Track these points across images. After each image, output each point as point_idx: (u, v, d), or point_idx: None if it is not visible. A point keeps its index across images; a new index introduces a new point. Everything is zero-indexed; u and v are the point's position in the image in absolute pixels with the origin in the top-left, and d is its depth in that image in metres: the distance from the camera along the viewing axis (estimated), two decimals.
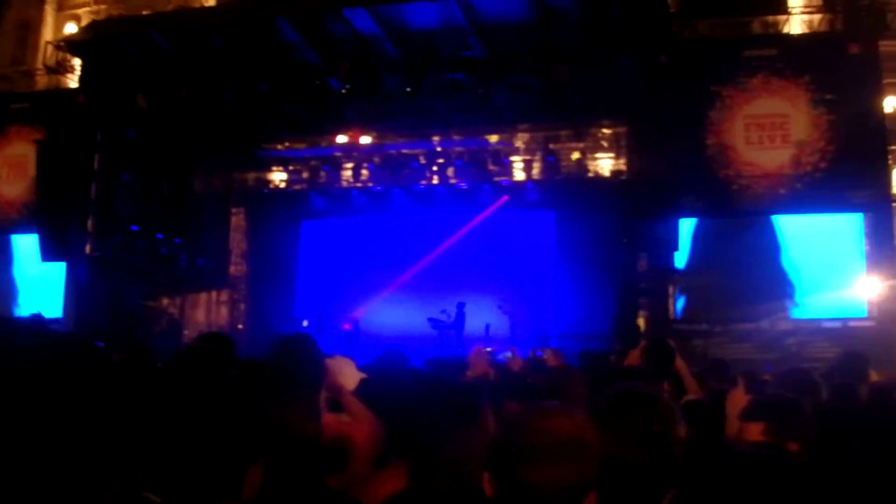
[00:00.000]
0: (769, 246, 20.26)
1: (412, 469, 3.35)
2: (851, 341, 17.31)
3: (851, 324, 19.39)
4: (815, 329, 19.40)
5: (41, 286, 24.41)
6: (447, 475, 3.13)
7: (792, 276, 20.00)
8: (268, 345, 5.13)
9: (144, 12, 23.73)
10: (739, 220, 20.48)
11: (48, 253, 23.42)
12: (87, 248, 23.26)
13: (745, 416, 4.79)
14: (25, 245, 24.39)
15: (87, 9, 27.74)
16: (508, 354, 12.17)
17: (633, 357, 7.49)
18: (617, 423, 3.04)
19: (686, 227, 20.58)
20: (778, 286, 20.05)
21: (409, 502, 3.32)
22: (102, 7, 26.86)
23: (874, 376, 8.81)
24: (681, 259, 20.59)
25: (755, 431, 4.55)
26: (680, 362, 7.18)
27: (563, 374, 7.43)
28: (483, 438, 3.09)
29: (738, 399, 6.01)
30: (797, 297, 19.92)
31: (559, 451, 2.56)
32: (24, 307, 24.17)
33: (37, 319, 17.04)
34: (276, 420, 3.28)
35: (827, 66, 19.70)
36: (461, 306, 24.31)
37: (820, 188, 19.31)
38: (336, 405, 4.92)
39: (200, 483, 2.77)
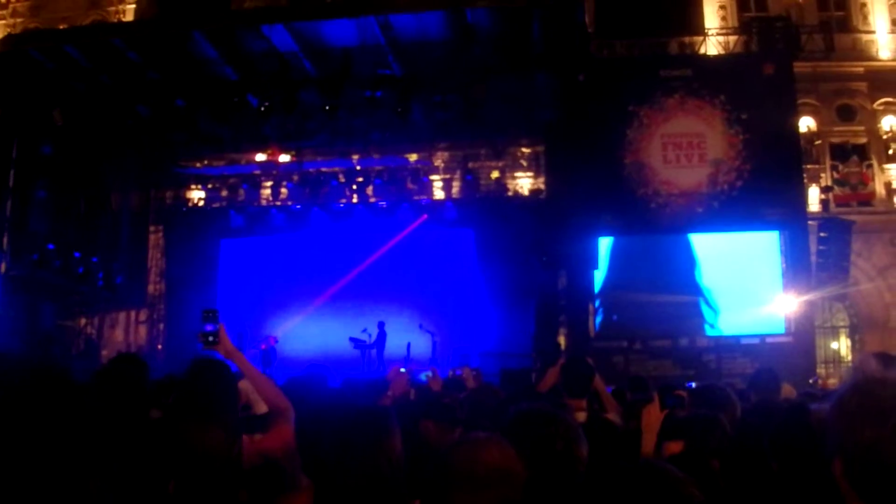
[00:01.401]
0: (685, 264, 20.38)
1: (318, 490, 3.31)
2: (769, 357, 17.54)
3: (769, 340, 19.56)
4: (733, 345, 19.60)
5: None
6: (352, 497, 3.05)
7: (707, 295, 20.12)
8: (186, 365, 5.02)
9: (61, 26, 23.37)
10: (656, 238, 20.57)
11: None
12: (2, 267, 22.82)
13: (664, 434, 4.84)
14: None
15: (2, 22, 27.27)
16: (429, 374, 12.10)
17: (552, 375, 7.47)
18: (519, 441, 2.99)
19: (604, 245, 20.63)
20: (694, 304, 20.18)
21: None
22: (18, 20, 26.44)
23: (788, 390, 8.88)
24: (600, 277, 20.63)
25: (675, 449, 4.56)
26: (598, 380, 7.14)
27: (481, 395, 7.40)
28: (390, 461, 3.07)
29: (653, 414, 6.01)
30: (712, 317, 20.06)
31: (489, 479, 2.65)
32: None
33: None
34: (190, 441, 3.23)
35: (742, 86, 19.97)
36: (381, 325, 24.18)
37: (736, 206, 19.54)
38: (249, 426, 4.84)
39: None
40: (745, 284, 20.05)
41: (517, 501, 2.69)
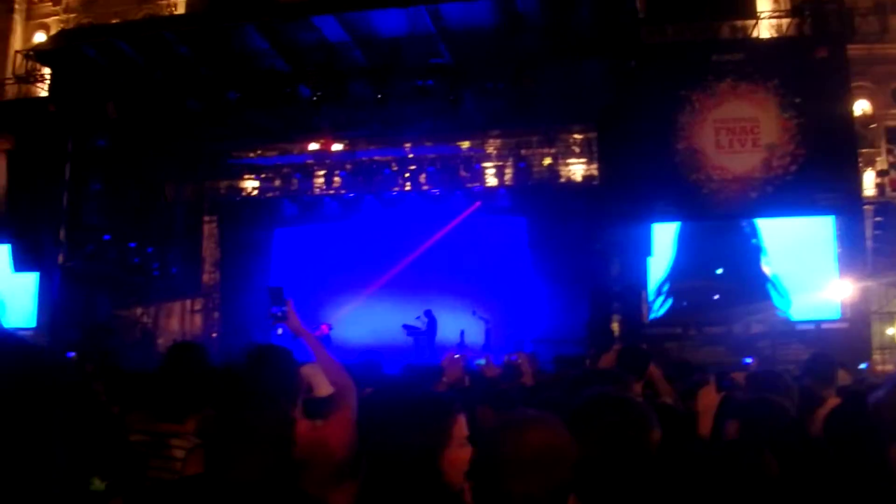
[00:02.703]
0: (752, 250, 20.23)
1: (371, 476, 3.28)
2: (824, 343, 17.37)
3: (824, 326, 19.35)
4: (788, 331, 19.39)
5: (15, 296, 24.21)
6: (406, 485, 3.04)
7: (775, 281, 19.97)
8: (242, 353, 5.09)
9: (113, 21, 23.55)
10: (723, 223, 20.43)
11: (20, 263, 23.33)
12: (60, 258, 23.13)
13: (725, 415, 4.84)
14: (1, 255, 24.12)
15: (56, 18, 27.57)
16: (482, 361, 12.15)
17: (607, 360, 7.48)
18: (592, 427, 3.10)
19: (669, 231, 20.51)
20: (762, 291, 20.03)
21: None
22: (71, 16, 26.71)
23: (843, 376, 8.85)
24: (667, 263, 20.50)
25: (731, 430, 4.54)
26: (654, 366, 7.16)
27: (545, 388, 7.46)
28: (457, 449, 3.03)
29: (709, 396, 6.06)
30: (781, 303, 19.89)
31: (538, 461, 2.64)
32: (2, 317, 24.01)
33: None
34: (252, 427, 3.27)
35: (795, 70, 19.76)
36: (429, 313, 24.25)
37: (790, 191, 19.35)
38: (311, 412, 4.88)
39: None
40: (801, 270, 19.90)
41: (569, 481, 2.69)
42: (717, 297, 19.92)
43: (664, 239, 20.53)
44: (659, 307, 20.59)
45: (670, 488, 2.60)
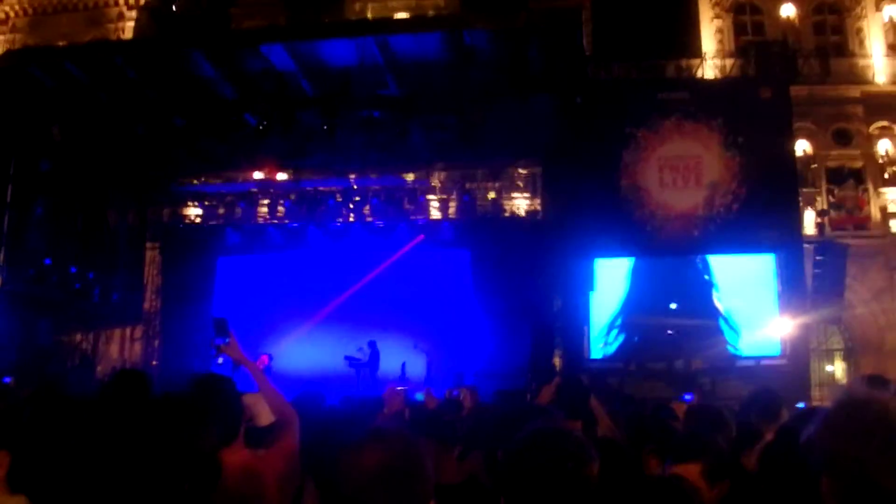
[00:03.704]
0: (704, 284, 20.39)
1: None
2: (765, 379, 17.47)
3: (765, 362, 19.55)
4: (729, 367, 19.57)
5: None
6: None
7: (727, 316, 20.11)
8: (182, 382, 5.06)
9: (61, 42, 23.40)
10: (675, 259, 20.59)
11: None
12: None
13: (677, 456, 4.75)
14: None
15: (2, 37, 27.32)
16: (423, 393, 12.16)
17: (547, 393, 7.48)
18: (530, 461, 3.05)
19: (622, 266, 20.64)
20: (715, 326, 20.17)
21: None
22: (17, 36, 26.48)
23: (785, 414, 8.91)
24: (616, 298, 20.60)
25: (693, 472, 4.49)
26: (594, 401, 7.17)
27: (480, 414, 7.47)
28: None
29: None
30: (733, 339, 20.05)
31: (375, 482, 2.59)
32: None
33: None
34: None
35: (739, 109, 20.04)
36: (373, 344, 24.19)
37: (733, 229, 19.57)
38: (253, 440, 4.89)
39: None
40: (745, 306, 20.09)
41: (424, 497, 2.66)
42: (670, 332, 20.04)
43: (617, 274, 20.66)
44: (611, 342, 20.70)
45: None
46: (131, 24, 26.22)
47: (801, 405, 12.57)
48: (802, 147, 23.48)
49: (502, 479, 3.18)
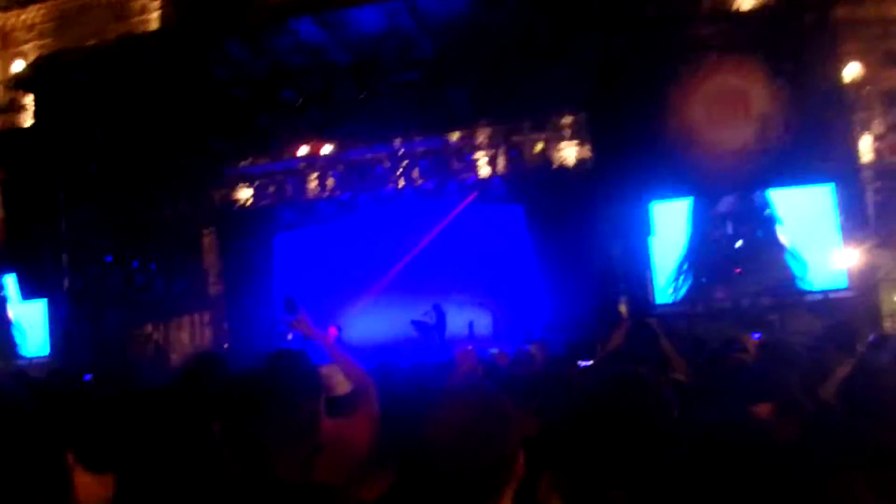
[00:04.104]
0: (766, 219, 20.01)
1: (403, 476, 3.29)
2: (834, 313, 17.27)
3: (832, 295, 19.15)
4: (797, 303, 19.18)
5: (26, 325, 24.33)
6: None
7: (791, 249, 19.72)
8: (254, 361, 4.99)
9: (90, 41, 23.41)
10: (734, 195, 20.23)
11: (27, 291, 23.64)
12: (65, 283, 23.22)
13: (752, 397, 4.83)
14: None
15: (33, 44, 27.45)
16: (494, 351, 12.19)
17: (616, 338, 7.59)
18: (611, 409, 3.14)
19: (681, 209, 20.29)
20: (780, 259, 19.82)
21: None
22: (48, 41, 26.57)
23: (858, 347, 9.01)
24: (680, 243, 20.28)
25: (765, 411, 4.63)
26: (665, 342, 7.15)
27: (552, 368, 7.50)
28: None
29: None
30: (799, 270, 19.66)
31: (465, 439, 2.59)
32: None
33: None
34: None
35: (782, 38, 19.49)
36: (438, 307, 24.22)
37: (787, 161, 19.09)
38: (333, 410, 4.91)
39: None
40: (805, 240, 19.67)
41: (508, 459, 2.65)
42: (738, 270, 19.74)
43: (676, 217, 20.31)
44: (680, 286, 20.39)
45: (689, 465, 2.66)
46: (156, 13, 26.17)
47: (871, 338, 12.28)
48: (852, 71, 22.76)
49: (582, 428, 3.25)
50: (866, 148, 21.57)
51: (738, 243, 19.88)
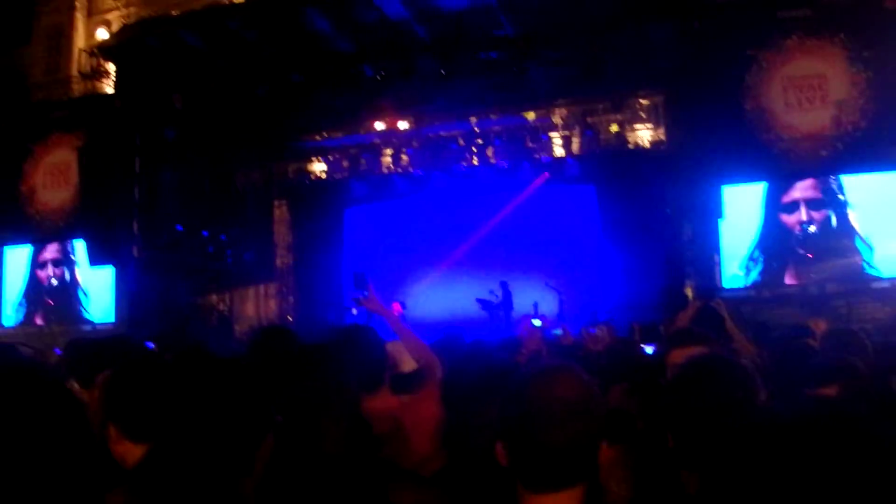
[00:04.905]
0: (839, 204, 19.97)
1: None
2: None
3: None
4: (863, 290, 19.11)
5: (93, 290, 24.66)
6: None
7: (864, 235, 19.68)
8: (319, 335, 5.19)
9: (174, 12, 23.71)
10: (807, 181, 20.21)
11: (96, 257, 23.81)
12: (135, 251, 23.47)
13: (817, 380, 4.79)
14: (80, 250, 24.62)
15: (117, 13, 27.70)
16: (559, 331, 12.23)
17: (684, 319, 7.48)
18: (700, 392, 3.08)
19: (755, 194, 20.31)
20: (851, 244, 19.78)
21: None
22: (132, 10, 26.80)
23: None
24: (753, 228, 20.30)
25: (831, 393, 4.56)
26: (731, 324, 7.16)
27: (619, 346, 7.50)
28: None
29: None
30: (868, 256, 19.63)
31: (566, 411, 2.59)
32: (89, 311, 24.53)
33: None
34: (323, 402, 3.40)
35: (863, 22, 19.39)
36: (505, 285, 24.21)
37: (862, 148, 19.04)
38: (399, 387, 5.02)
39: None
40: (877, 225, 19.64)
41: (598, 431, 2.67)
42: (810, 255, 19.75)
43: (749, 201, 20.32)
44: (752, 269, 20.41)
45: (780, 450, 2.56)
46: None
47: None
48: None
49: (669, 410, 3.20)
50: None
51: (812, 228, 19.88)
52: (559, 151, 25.87)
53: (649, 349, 8.41)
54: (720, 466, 2.08)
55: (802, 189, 20.14)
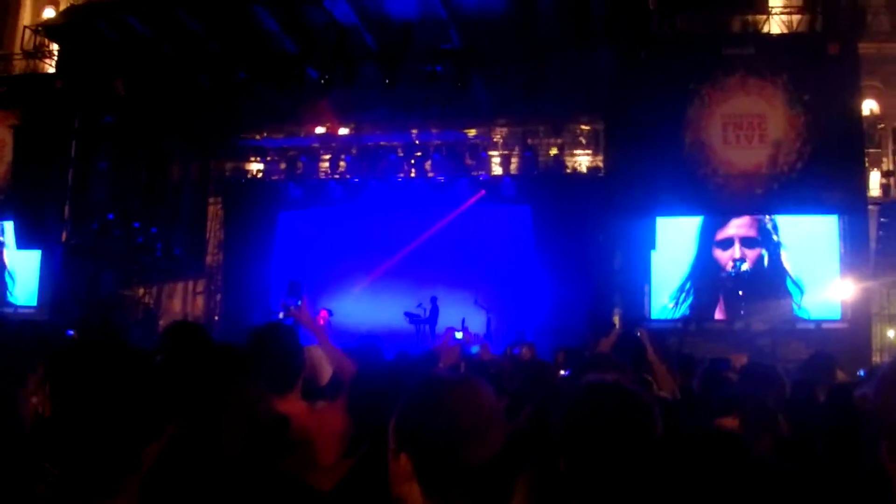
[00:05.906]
0: (773, 244, 20.23)
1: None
2: (825, 343, 17.33)
3: (825, 325, 19.38)
4: (789, 330, 19.36)
5: (18, 273, 24.34)
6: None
7: (794, 276, 19.91)
8: (243, 336, 5.08)
9: None
10: (744, 218, 20.44)
11: (24, 240, 23.48)
12: (63, 236, 23.14)
13: (718, 410, 4.92)
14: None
15: None
16: (477, 347, 12.15)
17: (605, 345, 7.49)
18: (593, 419, 3.01)
19: (692, 226, 20.50)
20: (782, 285, 20.01)
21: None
22: None
23: (841, 376, 8.88)
24: (687, 260, 20.46)
25: (730, 425, 4.57)
26: (652, 355, 7.16)
27: (534, 368, 7.45)
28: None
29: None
30: (798, 297, 19.86)
31: (490, 419, 2.54)
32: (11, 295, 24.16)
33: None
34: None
35: (805, 66, 19.68)
36: (434, 300, 24.21)
37: (796, 189, 19.28)
38: (310, 394, 5.05)
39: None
40: (805, 268, 19.90)
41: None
42: (741, 292, 19.94)
43: (683, 234, 20.52)
44: (682, 303, 20.57)
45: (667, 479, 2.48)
46: None
47: (861, 373, 12.46)
48: (870, 106, 22.90)
49: (561, 435, 3.09)
50: (874, 183, 21.75)
51: (745, 266, 20.09)
52: (497, 170, 25.95)
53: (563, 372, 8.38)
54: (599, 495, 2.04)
55: (738, 226, 20.38)
